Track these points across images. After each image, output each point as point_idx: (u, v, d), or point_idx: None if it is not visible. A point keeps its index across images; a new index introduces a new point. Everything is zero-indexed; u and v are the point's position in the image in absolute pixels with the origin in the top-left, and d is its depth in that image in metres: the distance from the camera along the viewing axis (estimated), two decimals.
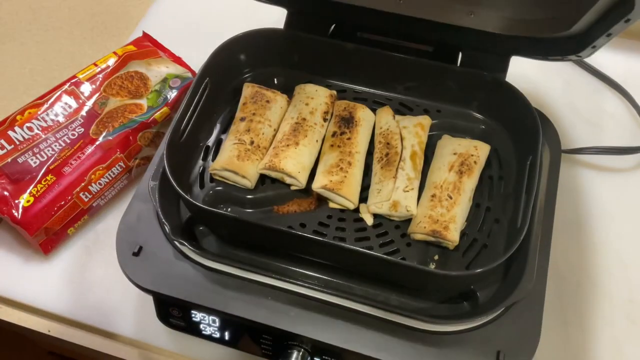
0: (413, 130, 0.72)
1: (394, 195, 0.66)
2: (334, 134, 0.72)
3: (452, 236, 0.63)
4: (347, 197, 0.67)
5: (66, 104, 0.81)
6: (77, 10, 1.06)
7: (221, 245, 0.66)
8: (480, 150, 0.70)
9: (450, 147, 0.70)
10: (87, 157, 0.78)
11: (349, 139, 0.71)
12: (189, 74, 0.87)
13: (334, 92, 0.76)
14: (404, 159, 0.69)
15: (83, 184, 0.77)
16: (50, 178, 0.76)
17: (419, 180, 0.69)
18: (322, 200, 0.68)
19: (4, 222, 0.80)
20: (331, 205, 0.68)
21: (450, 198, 0.65)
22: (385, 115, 0.74)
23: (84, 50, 1.00)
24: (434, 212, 0.64)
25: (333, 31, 0.79)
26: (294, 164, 0.68)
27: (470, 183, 0.67)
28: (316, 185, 0.68)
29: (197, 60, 0.80)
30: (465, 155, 0.69)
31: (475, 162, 0.69)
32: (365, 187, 0.70)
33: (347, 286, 0.63)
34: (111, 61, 0.86)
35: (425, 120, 0.73)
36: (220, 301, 0.61)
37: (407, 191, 0.67)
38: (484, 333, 0.59)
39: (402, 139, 0.71)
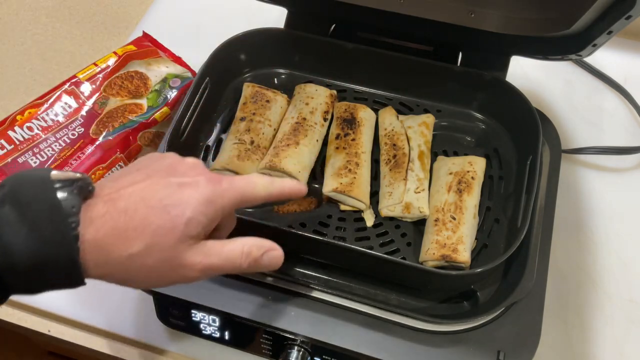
0: (418, 129, 0.71)
1: (406, 197, 0.66)
2: (337, 136, 0.71)
3: (463, 257, 0.61)
4: (358, 198, 0.66)
5: (66, 103, 0.81)
6: (77, 10, 1.06)
7: None
8: (475, 165, 0.68)
9: (445, 168, 0.69)
10: (87, 157, 0.78)
11: (353, 140, 0.71)
12: (189, 74, 0.87)
13: (334, 91, 0.76)
14: (412, 159, 0.69)
15: None
16: None
17: (428, 180, 0.68)
18: (321, 199, 0.68)
19: None
20: (342, 207, 0.68)
21: (454, 219, 0.64)
22: (389, 116, 0.73)
23: (84, 50, 1.00)
24: (440, 237, 0.63)
25: (333, 31, 0.79)
26: (294, 164, 0.68)
27: (471, 200, 0.66)
28: (327, 189, 0.67)
29: (197, 60, 0.79)
30: (460, 174, 0.67)
31: (472, 177, 0.67)
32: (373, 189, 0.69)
33: (347, 286, 0.63)
34: (111, 61, 0.85)
35: (429, 119, 0.73)
36: (220, 301, 0.61)
37: (419, 192, 0.66)
38: (484, 333, 0.59)
39: (408, 139, 0.70)
